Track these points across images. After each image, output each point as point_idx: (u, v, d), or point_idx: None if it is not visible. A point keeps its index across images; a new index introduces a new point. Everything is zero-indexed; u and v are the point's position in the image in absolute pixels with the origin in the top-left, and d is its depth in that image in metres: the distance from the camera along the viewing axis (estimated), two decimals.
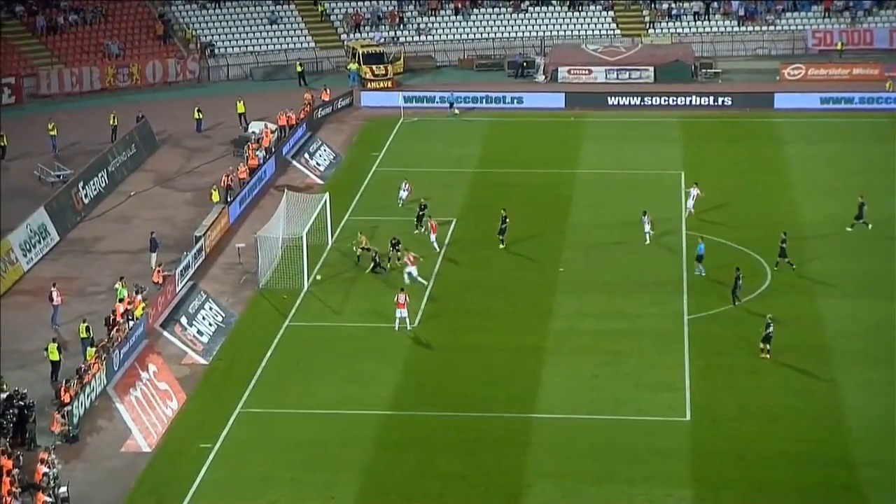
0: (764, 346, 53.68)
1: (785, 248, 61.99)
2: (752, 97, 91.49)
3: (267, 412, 50.49)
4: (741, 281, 58.54)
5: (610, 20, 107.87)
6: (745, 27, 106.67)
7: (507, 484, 45.31)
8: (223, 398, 51.48)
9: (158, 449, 48.06)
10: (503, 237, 65.40)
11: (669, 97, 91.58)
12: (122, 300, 56.63)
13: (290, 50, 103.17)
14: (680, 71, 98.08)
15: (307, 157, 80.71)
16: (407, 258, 61.31)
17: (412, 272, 60.83)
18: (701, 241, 63.01)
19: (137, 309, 55.98)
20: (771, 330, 53.49)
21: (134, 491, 45.33)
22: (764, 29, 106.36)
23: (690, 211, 68.75)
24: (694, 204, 68.82)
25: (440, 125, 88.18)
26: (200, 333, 57.27)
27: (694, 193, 69.05)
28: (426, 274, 62.18)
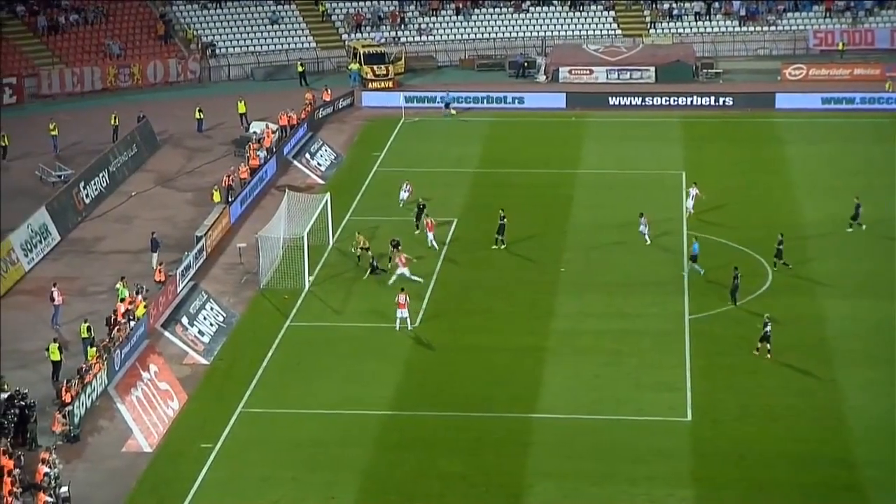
0: (762, 345, 53.69)
1: (781, 249, 61.97)
2: (753, 97, 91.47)
3: (268, 412, 50.48)
4: (739, 280, 58.51)
5: (611, 20, 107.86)
6: (746, 27, 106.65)
7: (508, 484, 45.28)
8: (224, 398, 51.48)
9: (159, 449, 48.04)
10: (501, 237, 65.37)
11: (670, 97, 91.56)
12: (123, 300, 56.66)
13: (291, 50, 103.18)
14: (681, 71, 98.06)
15: (308, 157, 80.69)
16: (399, 259, 61.29)
17: (405, 273, 60.81)
18: (695, 240, 63.00)
19: (139, 308, 56.00)
20: (769, 329, 53.50)
21: (135, 491, 45.31)
22: (765, 29, 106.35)
23: (690, 211, 68.76)
24: (694, 204, 68.84)
25: (441, 125, 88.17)
26: (201, 333, 57.26)
27: (693, 193, 69.06)
28: (427, 273, 62.23)
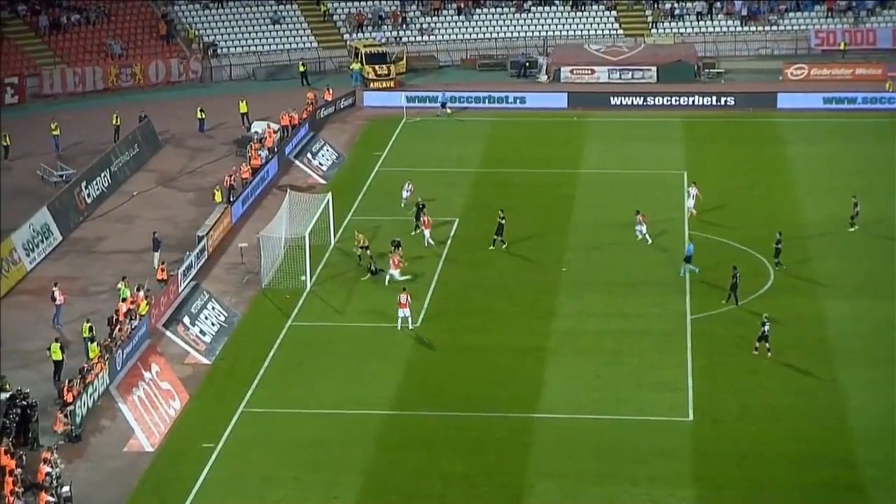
0: (760, 344, 53.70)
1: (780, 248, 61.98)
2: (754, 97, 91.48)
3: (269, 412, 50.49)
4: (738, 280, 58.46)
5: (613, 20, 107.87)
6: (747, 27, 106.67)
7: (509, 484, 45.28)
8: (226, 398, 51.50)
9: (161, 449, 48.06)
10: (500, 237, 65.31)
11: (672, 97, 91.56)
12: (124, 300, 56.69)
13: (292, 50, 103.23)
14: (683, 71, 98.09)
15: (310, 156, 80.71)
16: (391, 259, 61.30)
17: (394, 274, 60.81)
18: (690, 241, 62.92)
19: (141, 306, 56.02)
20: (767, 329, 53.51)
21: (136, 491, 45.32)
22: (767, 29, 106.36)
23: (692, 211, 68.69)
24: (695, 204, 68.77)
25: (442, 125, 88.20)
26: (203, 333, 57.28)
27: (693, 193, 69.03)
28: (428, 273, 62.30)
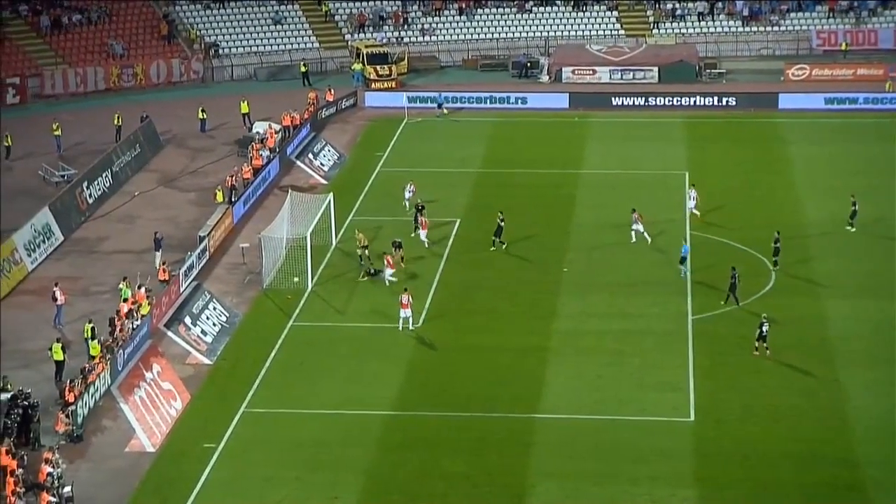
0: (760, 344, 53.69)
1: (779, 247, 61.96)
2: (756, 97, 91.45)
3: (271, 412, 50.50)
4: (736, 280, 58.38)
5: (614, 20, 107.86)
6: (749, 27, 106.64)
7: (510, 484, 45.27)
8: (227, 398, 51.50)
9: (162, 449, 48.06)
10: (499, 238, 65.26)
11: (674, 97, 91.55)
12: (126, 300, 56.70)
13: (294, 50, 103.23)
14: (684, 71, 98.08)
15: (311, 157, 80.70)
16: (386, 259, 61.29)
17: (385, 274, 60.77)
18: (685, 242, 62.91)
19: (143, 304, 56.00)
20: (765, 328, 53.49)
21: (138, 491, 45.32)
22: (768, 29, 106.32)
23: (696, 213, 68.48)
24: (696, 206, 68.62)
25: (444, 126, 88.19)
26: (204, 333, 57.28)
27: (693, 196, 68.91)
28: (429, 273, 62.28)
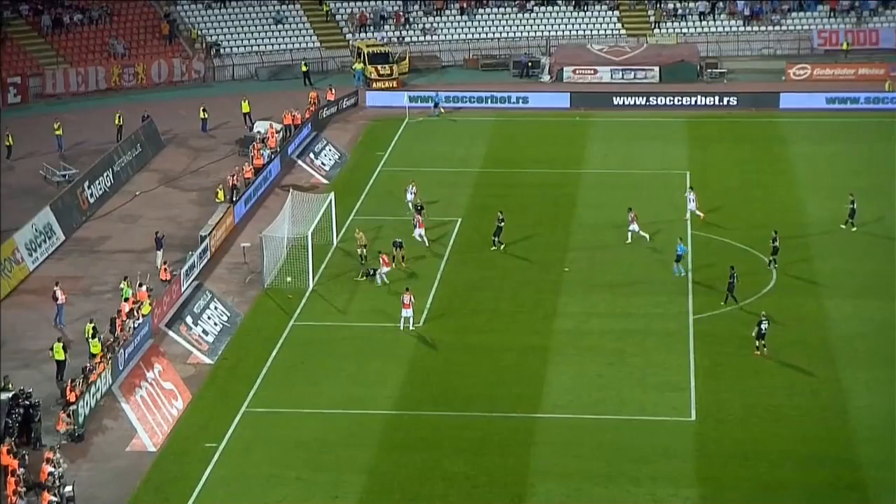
0: (759, 343, 53.68)
1: (777, 246, 61.97)
2: (757, 97, 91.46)
3: (272, 412, 50.48)
4: (734, 279, 58.34)
5: (615, 20, 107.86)
6: (750, 27, 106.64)
7: (511, 484, 45.26)
8: (228, 398, 51.50)
9: (164, 448, 48.05)
10: (498, 238, 65.25)
11: (675, 97, 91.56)
12: (127, 300, 56.70)
13: (295, 50, 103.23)
14: (685, 71, 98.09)
15: (312, 156, 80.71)
16: (382, 258, 61.28)
17: (380, 272, 60.78)
18: (680, 241, 62.92)
19: (144, 304, 55.99)
20: (764, 326, 53.48)
21: (139, 490, 45.32)
22: (769, 29, 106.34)
23: (699, 214, 68.32)
24: (696, 207, 68.52)
25: (445, 125, 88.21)
26: (206, 333, 57.28)
27: (692, 198, 68.82)
28: (431, 273, 62.28)
